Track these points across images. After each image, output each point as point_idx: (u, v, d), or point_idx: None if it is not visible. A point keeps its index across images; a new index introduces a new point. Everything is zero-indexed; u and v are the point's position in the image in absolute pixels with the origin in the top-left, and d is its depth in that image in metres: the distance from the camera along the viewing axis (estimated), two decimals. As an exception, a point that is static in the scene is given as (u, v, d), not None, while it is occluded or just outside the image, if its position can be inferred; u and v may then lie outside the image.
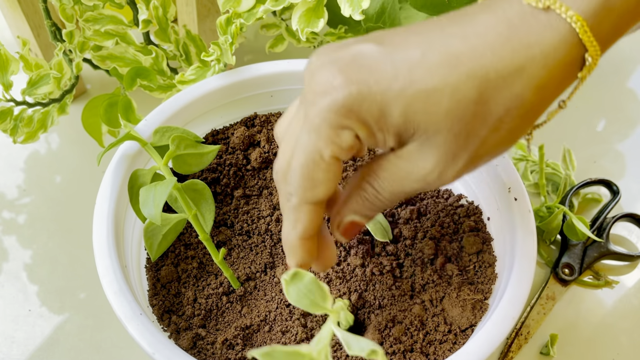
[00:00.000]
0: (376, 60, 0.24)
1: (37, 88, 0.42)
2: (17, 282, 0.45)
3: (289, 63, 0.42)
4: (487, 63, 0.23)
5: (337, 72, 0.24)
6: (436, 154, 0.25)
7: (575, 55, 0.23)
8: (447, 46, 0.23)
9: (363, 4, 0.38)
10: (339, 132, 0.25)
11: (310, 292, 0.25)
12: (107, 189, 0.35)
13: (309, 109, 0.25)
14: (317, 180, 0.26)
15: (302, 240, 0.28)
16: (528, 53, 0.23)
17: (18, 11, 0.48)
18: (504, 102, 0.23)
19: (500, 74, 0.23)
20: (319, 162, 0.26)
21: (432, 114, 0.24)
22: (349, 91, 0.24)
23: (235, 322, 0.35)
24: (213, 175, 0.41)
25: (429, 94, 0.23)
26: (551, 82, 0.23)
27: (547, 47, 0.23)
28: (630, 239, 0.50)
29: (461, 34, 0.23)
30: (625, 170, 0.55)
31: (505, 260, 0.35)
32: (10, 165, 0.52)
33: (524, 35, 0.23)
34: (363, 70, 0.24)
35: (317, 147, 0.25)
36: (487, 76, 0.23)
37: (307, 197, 0.27)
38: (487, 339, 0.31)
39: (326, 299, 0.25)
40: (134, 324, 0.30)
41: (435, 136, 0.24)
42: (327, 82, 0.24)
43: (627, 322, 0.46)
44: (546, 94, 0.24)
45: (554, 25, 0.23)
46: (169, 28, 0.46)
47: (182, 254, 0.38)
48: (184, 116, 0.40)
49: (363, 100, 0.24)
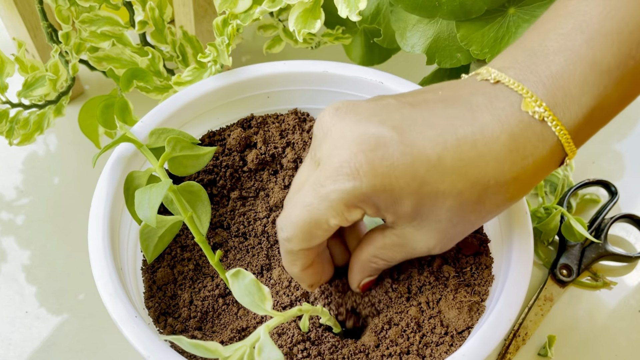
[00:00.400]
0: (398, 153, 0.26)
1: (32, 90, 0.42)
2: (14, 284, 0.45)
3: (285, 64, 0.42)
4: (489, 172, 0.27)
5: (363, 159, 0.26)
6: (437, 236, 0.29)
7: (556, 159, 0.28)
8: (459, 152, 0.26)
9: (360, 4, 0.38)
10: (351, 210, 0.28)
11: (250, 293, 0.27)
12: (102, 191, 0.35)
13: (325, 179, 0.27)
14: (315, 236, 0.29)
15: (304, 271, 0.32)
16: (523, 164, 0.27)
17: (15, 12, 0.48)
18: (497, 202, 0.28)
19: (499, 182, 0.27)
20: (322, 225, 0.28)
21: (437, 209, 0.27)
22: (373, 184, 0.27)
23: (231, 325, 0.35)
24: (209, 176, 0.41)
25: (439, 195, 0.27)
26: (534, 182, 0.28)
27: (538, 158, 0.27)
28: (629, 239, 0.50)
29: (471, 140, 0.26)
30: (624, 171, 0.55)
31: (502, 262, 0.35)
32: (8, 167, 0.52)
33: (522, 147, 0.27)
34: (385, 163, 0.26)
35: (325, 215, 0.28)
36: (488, 184, 0.27)
37: (302, 246, 0.30)
38: (484, 341, 0.31)
39: (265, 301, 0.27)
40: (129, 326, 0.30)
41: (436, 224, 0.28)
42: (353, 166, 0.27)
43: (625, 323, 0.46)
44: (528, 190, 0.29)
45: (546, 137, 0.27)
46: (165, 29, 0.46)
47: (179, 256, 0.38)
48: (180, 117, 0.40)
49: (383, 192, 0.27)
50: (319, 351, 0.34)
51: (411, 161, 0.26)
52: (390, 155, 0.26)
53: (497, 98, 0.27)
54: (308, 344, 0.34)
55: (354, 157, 0.27)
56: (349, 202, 0.27)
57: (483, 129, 0.27)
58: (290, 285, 0.37)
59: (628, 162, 0.56)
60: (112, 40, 0.45)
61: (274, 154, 0.42)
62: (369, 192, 0.27)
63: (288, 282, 0.37)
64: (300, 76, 0.42)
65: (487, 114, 0.27)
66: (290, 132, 0.43)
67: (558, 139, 0.27)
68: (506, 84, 0.27)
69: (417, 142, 0.27)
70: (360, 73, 0.42)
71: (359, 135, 0.27)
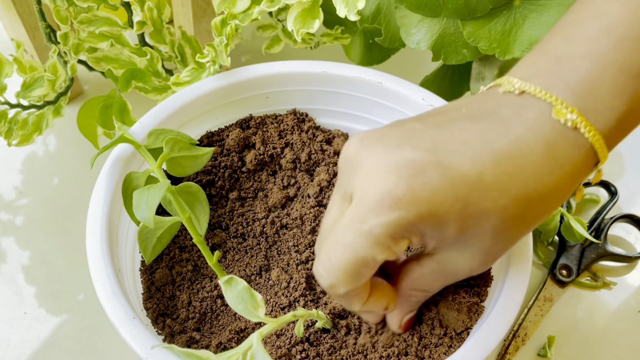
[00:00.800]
0: (438, 177, 0.26)
1: (31, 90, 0.41)
2: (12, 285, 0.45)
3: (284, 64, 0.42)
4: (530, 185, 0.26)
5: (404, 187, 0.25)
6: (480, 256, 0.28)
7: (590, 165, 0.27)
8: (498, 167, 0.26)
9: (358, 4, 0.38)
10: (398, 242, 0.27)
11: (243, 300, 0.27)
12: (100, 191, 0.35)
13: (366, 214, 0.26)
14: (362, 275, 0.28)
15: (366, 304, 0.30)
16: (561, 172, 0.26)
17: (13, 13, 0.48)
18: (538, 214, 0.27)
19: (540, 194, 0.26)
20: (368, 263, 0.27)
21: (481, 229, 0.27)
22: (418, 211, 0.25)
23: (229, 325, 0.35)
24: (208, 177, 0.41)
25: (483, 214, 0.26)
26: (571, 190, 0.28)
27: (574, 166, 0.26)
28: (629, 240, 0.50)
29: (508, 154, 0.26)
30: (624, 171, 0.55)
31: (501, 262, 0.35)
32: (7, 167, 0.52)
33: (558, 156, 0.26)
34: (427, 188, 0.25)
35: (371, 253, 0.27)
36: (529, 197, 0.26)
37: (351, 287, 0.28)
38: (483, 342, 0.31)
39: (258, 308, 0.27)
40: (127, 327, 0.30)
41: (480, 243, 0.27)
42: (395, 196, 0.26)
43: (625, 323, 0.45)
44: (564, 199, 0.28)
45: (580, 144, 0.26)
46: (163, 29, 0.46)
47: (177, 256, 0.38)
48: (178, 118, 0.40)
49: (429, 218, 0.26)
50: (317, 352, 0.34)
51: (452, 183, 0.26)
52: (431, 180, 0.26)
53: (525, 108, 0.26)
54: (307, 345, 0.34)
55: (395, 186, 0.25)
56: (396, 234, 0.26)
57: (518, 141, 0.26)
58: (289, 286, 0.37)
59: (628, 162, 0.56)
60: (111, 40, 0.45)
61: (272, 154, 0.42)
62: (415, 220, 0.26)
63: (287, 283, 0.37)
64: (299, 76, 0.42)
65: (518, 126, 0.26)
66: (289, 132, 0.43)
67: (591, 145, 0.26)
68: (533, 94, 0.27)
69: (455, 163, 0.26)
70: (360, 73, 0.42)
71: (395, 163, 0.26)
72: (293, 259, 0.38)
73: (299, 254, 0.38)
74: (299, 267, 0.38)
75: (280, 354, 0.33)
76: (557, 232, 0.48)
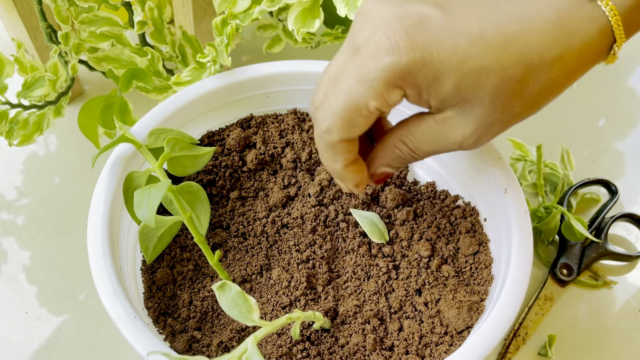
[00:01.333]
0: (439, 28, 0.26)
1: (32, 90, 0.42)
2: (14, 284, 0.45)
3: (285, 64, 0.42)
4: (533, 47, 0.25)
5: (403, 33, 0.26)
6: (475, 123, 0.28)
7: (604, 45, 0.26)
8: (503, 25, 0.26)
9: (359, 4, 0.38)
10: (390, 90, 0.27)
11: (237, 304, 0.27)
12: (101, 191, 0.35)
13: (366, 59, 0.27)
14: (355, 123, 0.28)
15: (347, 167, 0.31)
16: (568, 41, 0.25)
17: (14, 13, 0.48)
18: (541, 84, 0.26)
19: (543, 60, 0.26)
20: (362, 110, 0.28)
21: (480, 89, 0.26)
22: (413, 56, 0.26)
23: (230, 325, 0.35)
24: (209, 177, 0.41)
25: (481, 70, 0.26)
26: (580, 68, 0.27)
27: (585, 38, 0.26)
28: (629, 239, 0.50)
29: (515, 14, 0.26)
30: (624, 170, 0.55)
31: (502, 261, 0.35)
32: (8, 167, 0.52)
33: (568, 23, 0.25)
34: (427, 36, 0.26)
35: (365, 98, 0.27)
36: (532, 60, 0.26)
37: (343, 135, 0.29)
38: (483, 341, 0.31)
39: (252, 312, 0.27)
40: (128, 327, 0.30)
41: (478, 107, 0.27)
42: (393, 40, 0.26)
43: (625, 322, 0.45)
44: (574, 77, 0.27)
45: (595, 17, 0.25)
46: (164, 29, 0.46)
47: (178, 256, 0.38)
48: (179, 118, 0.40)
49: (423, 66, 0.26)
50: (318, 351, 0.34)
51: (452, 34, 0.26)
52: (430, 29, 0.26)
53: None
54: (307, 344, 0.34)
55: (394, 32, 0.26)
56: (389, 80, 0.26)
57: (527, 4, 0.26)
58: (290, 286, 0.37)
59: (628, 161, 0.56)
60: (112, 40, 0.45)
61: (273, 154, 0.42)
62: (408, 67, 0.26)
63: (287, 282, 0.37)
64: (300, 76, 0.42)
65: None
66: (289, 132, 0.43)
67: (608, 19, 0.25)
68: None
69: (460, 18, 0.26)
70: (360, 73, 0.42)
71: (401, 13, 0.26)
72: (294, 258, 0.38)
73: (299, 253, 0.38)
74: (299, 266, 0.38)
75: (281, 353, 0.34)
76: (557, 231, 0.48)
